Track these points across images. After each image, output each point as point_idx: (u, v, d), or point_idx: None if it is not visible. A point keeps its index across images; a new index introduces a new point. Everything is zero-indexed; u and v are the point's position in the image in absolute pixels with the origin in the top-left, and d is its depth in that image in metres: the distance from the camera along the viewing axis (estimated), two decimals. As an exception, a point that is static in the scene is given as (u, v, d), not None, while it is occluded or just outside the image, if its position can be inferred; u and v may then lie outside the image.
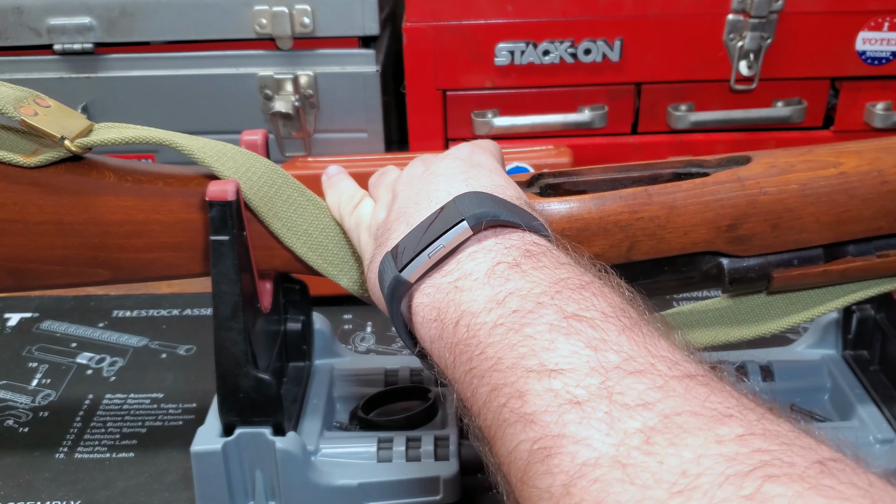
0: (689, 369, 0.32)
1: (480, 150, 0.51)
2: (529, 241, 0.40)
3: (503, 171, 0.50)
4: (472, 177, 0.45)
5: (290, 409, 0.63)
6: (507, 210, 0.41)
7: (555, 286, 0.36)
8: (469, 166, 0.47)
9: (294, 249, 0.56)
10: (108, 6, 0.93)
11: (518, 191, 0.46)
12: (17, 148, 0.55)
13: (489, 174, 0.46)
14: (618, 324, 0.34)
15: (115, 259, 0.57)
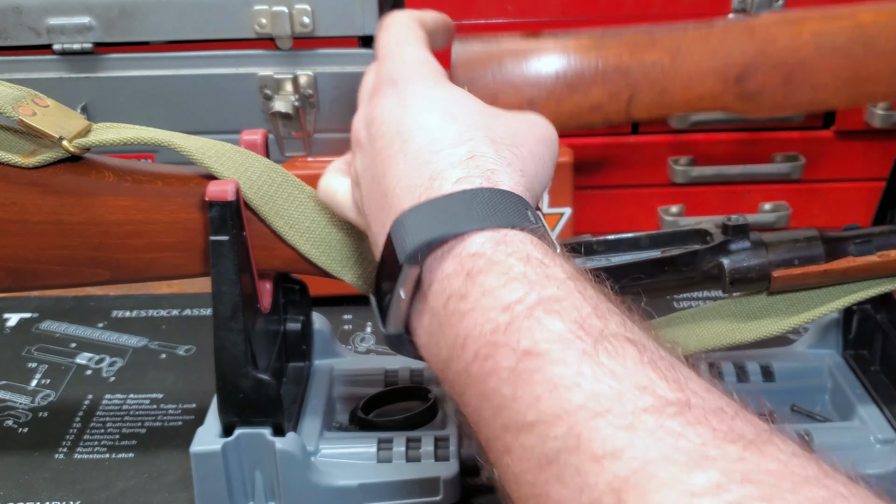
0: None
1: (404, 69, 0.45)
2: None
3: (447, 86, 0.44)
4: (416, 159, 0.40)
5: (290, 410, 0.62)
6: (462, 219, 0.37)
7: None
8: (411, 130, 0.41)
9: (297, 247, 0.56)
10: (107, 6, 0.93)
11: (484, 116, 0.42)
12: (15, 148, 0.55)
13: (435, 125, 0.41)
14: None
15: (114, 259, 0.57)
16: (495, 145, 0.41)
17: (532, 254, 0.35)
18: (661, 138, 0.95)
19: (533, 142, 0.43)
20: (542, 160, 0.43)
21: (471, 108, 0.43)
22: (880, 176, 0.72)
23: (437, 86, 0.44)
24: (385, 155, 0.42)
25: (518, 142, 0.42)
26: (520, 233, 0.36)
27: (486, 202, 0.37)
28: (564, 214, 0.86)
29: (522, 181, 0.40)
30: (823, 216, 0.96)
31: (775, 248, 0.58)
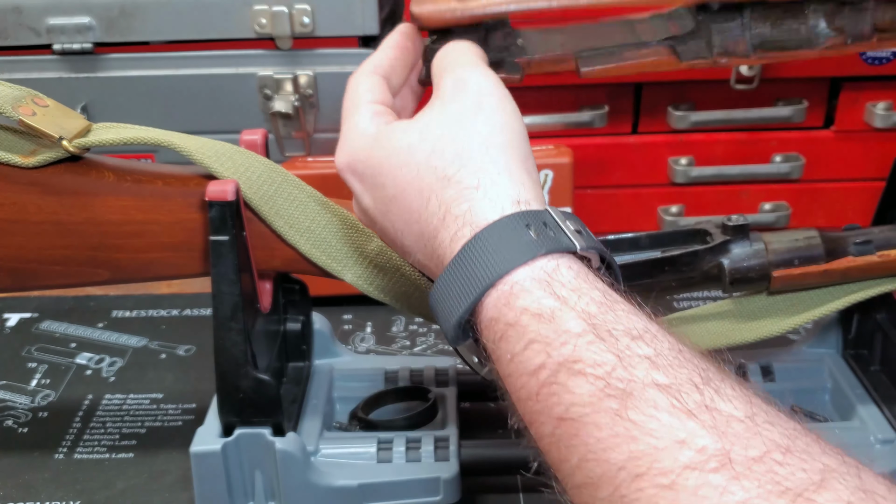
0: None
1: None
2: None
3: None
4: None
5: (290, 410, 0.62)
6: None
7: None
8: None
9: (297, 247, 0.56)
10: (107, 6, 0.93)
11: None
12: (15, 148, 0.55)
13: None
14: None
15: (114, 259, 0.57)
16: (465, 165, 0.41)
17: (543, 303, 0.35)
18: (661, 138, 0.95)
19: (500, 130, 0.43)
20: (514, 136, 0.43)
21: (427, 141, 0.43)
22: (880, 176, 0.72)
23: (380, 142, 0.44)
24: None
25: (489, 143, 0.42)
26: (527, 274, 0.37)
27: (486, 252, 0.38)
28: (564, 214, 0.86)
29: (509, 181, 0.40)
30: (823, 216, 0.96)
31: (775, 248, 0.58)
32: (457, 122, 0.42)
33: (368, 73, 0.49)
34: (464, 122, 0.42)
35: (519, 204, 0.39)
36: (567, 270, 0.37)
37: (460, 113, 0.42)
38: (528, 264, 0.37)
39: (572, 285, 0.36)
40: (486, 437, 0.68)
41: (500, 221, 0.38)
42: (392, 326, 0.85)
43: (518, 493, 0.63)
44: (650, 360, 0.32)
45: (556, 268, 0.37)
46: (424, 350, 0.82)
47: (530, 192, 0.41)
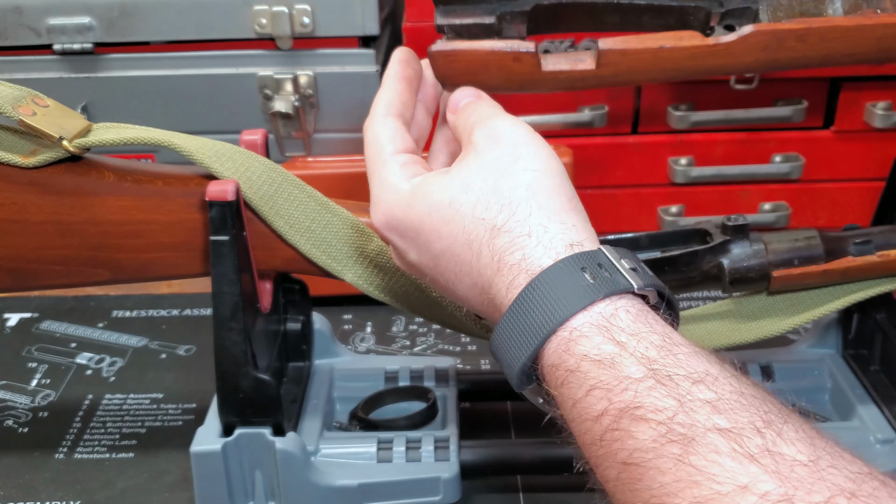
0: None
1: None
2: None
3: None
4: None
5: (290, 410, 0.62)
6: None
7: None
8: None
9: (297, 247, 0.56)
10: (107, 6, 0.93)
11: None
12: (15, 148, 0.55)
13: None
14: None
15: (114, 259, 0.57)
16: (514, 214, 0.41)
17: (603, 349, 0.36)
18: (661, 138, 0.95)
19: (541, 175, 0.43)
20: (556, 179, 0.43)
21: (470, 193, 0.43)
22: (880, 176, 0.72)
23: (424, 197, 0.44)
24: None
25: (533, 189, 0.42)
26: (585, 319, 0.37)
27: (543, 299, 0.38)
28: (564, 214, 0.86)
29: (559, 225, 0.41)
30: (823, 216, 0.96)
31: (775, 248, 0.59)
32: (497, 173, 0.42)
33: (384, 118, 0.49)
34: (504, 171, 0.42)
35: (572, 247, 0.40)
36: (625, 314, 0.37)
37: (499, 163, 0.43)
38: (586, 309, 0.37)
39: (631, 329, 0.36)
40: (487, 437, 0.68)
41: (555, 267, 0.39)
42: (392, 326, 0.85)
43: (518, 493, 0.63)
44: (711, 405, 0.33)
45: (615, 311, 0.37)
46: (424, 350, 0.82)
47: (582, 233, 0.41)
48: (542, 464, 0.62)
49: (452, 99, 0.49)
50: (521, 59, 0.49)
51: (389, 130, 0.48)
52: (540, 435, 0.69)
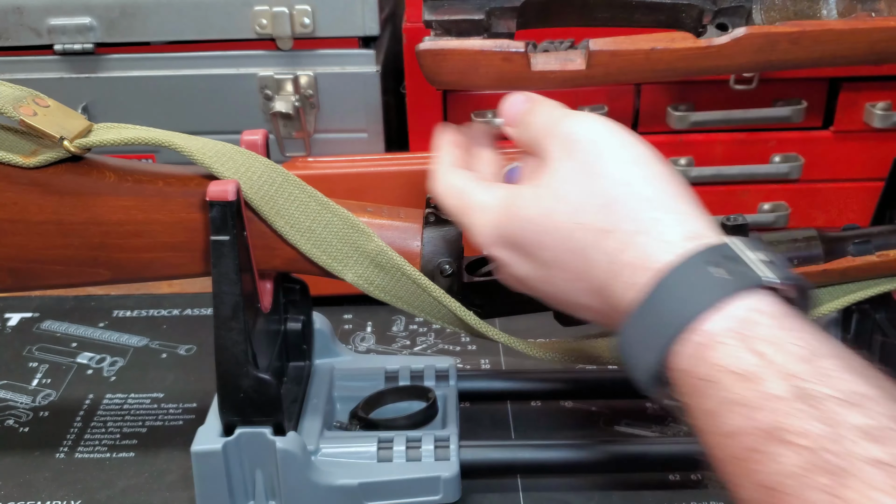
0: None
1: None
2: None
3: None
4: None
5: (291, 409, 0.63)
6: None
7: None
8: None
9: (298, 247, 0.56)
10: (108, 6, 0.93)
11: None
12: (16, 148, 0.56)
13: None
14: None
15: (115, 259, 0.57)
16: (617, 212, 0.39)
17: (742, 360, 0.33)
18: (660, 138, 0.95)
19: (634, 166, 0.41)
20: (652, 166, 0.41)
21: (565, 201, 0.41)
22: (879, 176, 0.72)
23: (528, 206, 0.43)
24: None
25: (629, 182, 0.40)
26: (718, 323, 0.35)
27: (668, 298, 0.36)
28: (564, 214, 0.86)
29: (672, 217, 0.38)
30: (822, 216, 0.97)
31: (774, 248, 0.59)
32: (587, 175, 0.40)
33: (447, 169, 0.49)
34: (592, 172, 0.40)
35: (692, 239, 0.37)
36: (763, 317, 0.34)
37: (584, 165, 0.41)
38: (717, 309, 0.35)
39: (771, 336, 0.34)
40: (486, 437, 0.69)
41: (679, 263, 0.36)
42: (392, 326, 0.86)
43: (518, 492, 0.63)
44: (864, 432, 0.30)
45: (751, 313, 0.35)
46: (424, 350, 0.82)
47: (699, 223, 0.38)
48: (542, 464, 0.62)
49: (506, 113, 0.47)
50: (510, 59, 0.49)
51: (458, 175, 0.48)
52: (540, 435, 0.69)
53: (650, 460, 0.62)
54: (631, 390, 0.74)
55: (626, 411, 0.72)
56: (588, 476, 0.64)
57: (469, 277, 0.59)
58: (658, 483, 0.64)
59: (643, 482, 0.64)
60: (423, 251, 0.58)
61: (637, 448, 0.63)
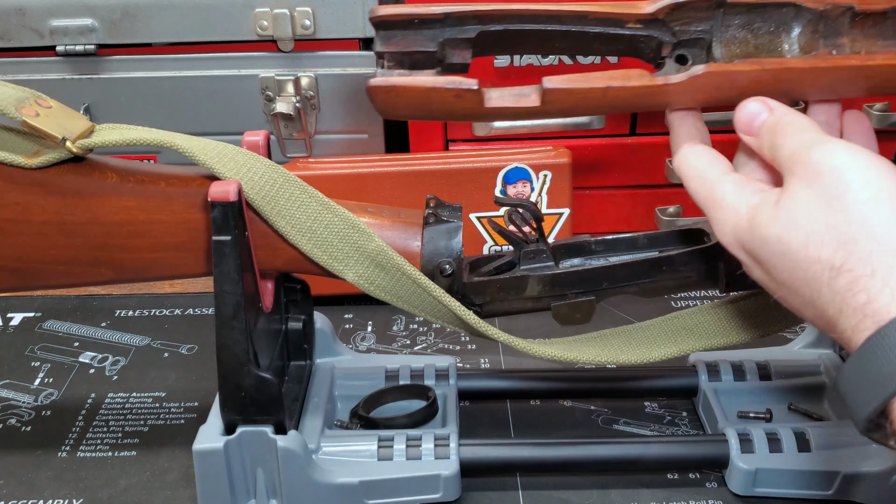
0: None
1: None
2: None
3: None
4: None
5: (292, 408, 0.63)
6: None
7: None
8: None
9: (299, 247, 0.56)
10: (110, 8, 0.93)
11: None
12: (18, 149, 0.56)
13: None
14: None
15: (117, 259, 0.57)
16: (852, 252, 0.39)
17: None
18: (659, 139, 0.95)
19: (877, 204, 0.39)
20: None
21: (799, 231, 0.41)
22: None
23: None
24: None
25: (870, 223, 0.39)
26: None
27: (891, 350, 0.36)
28: (563, 215, 0.87)
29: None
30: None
31: None
32: (825, 208, 0.40)
33: (692, 146, 0.48)
34: (832, 206, 0.40)
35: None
36: None
37: (825, 197, 0.40)
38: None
39: None
40: (486, 435, 0.69)
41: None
42: (393, 325, 0.86)
43: (517, 491, 0.64)
44: None
45: None
46: (425, 349, 0.82)
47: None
48: (541, 462, 0.63)
49: (742, 119, 0.47)
50: (463, 96, 0.47)
51: (705, 156, 0.48)
52: (539, 434, 0.70)
53: (648, 459, 0.62)
54: (629, 390, 0.74)
55: (624, 410, 0.72)
56: (587, 475, 0.64)
57: (469, 277, 0.59)
58: (656, 482, 0.64)
59: (641, 481, 0.64)
60: (423, 251, 0.58)
61: (635, 447, 0.63)
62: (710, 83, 0.47)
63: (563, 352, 0.59)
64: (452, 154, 0.89)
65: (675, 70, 0.48)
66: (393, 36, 0.47)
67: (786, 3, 0.48)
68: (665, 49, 0.49)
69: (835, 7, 0.47)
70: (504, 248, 0.87)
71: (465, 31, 0.48)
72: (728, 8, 0.48)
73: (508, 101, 0.48)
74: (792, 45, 0.48)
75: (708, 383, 0.70)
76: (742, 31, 0.48)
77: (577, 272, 0.58)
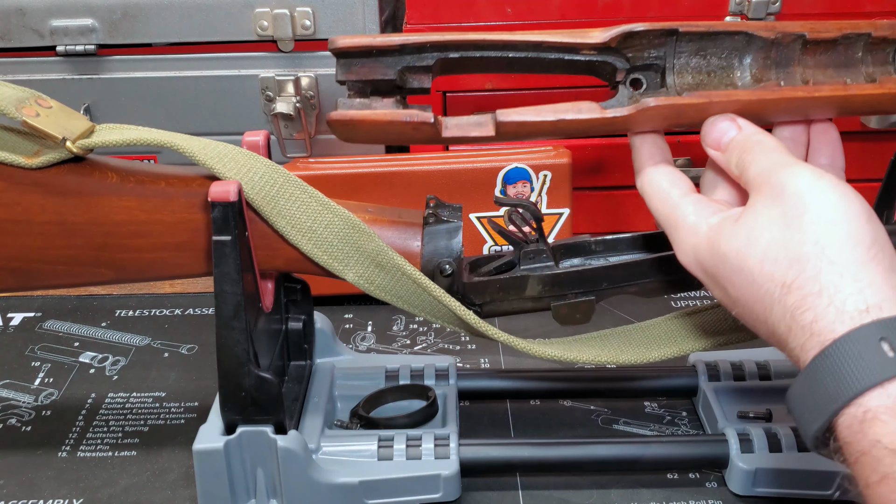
0: None
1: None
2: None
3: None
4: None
5: (292, 408, 0.63)
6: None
7: None
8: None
9: (299, 247, 0.56)
10: (110, 8, 0.93)
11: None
12: (19, 149, 0.56)
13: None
14: None
15: (117, 259, 0.57)
16: (803, 270, 0.39)
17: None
18: (660, 139, 0.95)
19: (832, 227, 0.40)
20: (852, 229, 0.40)
21: (756, 247, 0.42)
22: (876, 177, 0.73)
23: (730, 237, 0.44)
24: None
25: (823, 244, 0.39)
26: (880, 399, 0.36)
27: (835, 371, 0.37)
28: (563, 215, 0.87)
29: (853, 284, 0.38)
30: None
31: None
32: (784, 227, 0.41)
33: (654, 167, 0.49)
34: (790, 225, 0.41)
35: (868, 311, 0.37)
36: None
37: (784, 217, 0.41)
38: (882, 386, 0.36)
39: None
40: (486, 435, 0.69)
41: (849, 336, 0.37)
42: (393, 325, 0.86)
43: (517, 490, 0.64)
44: None
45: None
46: (424, 349, 0.82)
47: (881, 293, 0.38)
48: (541, 462, 0.63)
49: (711, 135, 0.48)
50: (420, 129, 0.49)
51: (667, 177, 0.49)
52: (539, 434, 0.70)
53: (648, 459, 0.63)
54: (629, 390, 0.74)
55: (624, 410, 0.72)
56: (587, 475, 0.64)
57: (469, 277, 0.59)
58: (656, 482, 0.64)
59: (641, 481, 0.64)
60: (423, 251, 0.58)
61: (635, 447, 0.63)
62: (658, 114, 0.49)
63: (563, 352, 0.59)
64: (452, 154, 0.89)
65: (629, 95, 0.49)
66: (353, 65, 0.49)
67: (738, 32, 0.49)
68: (619, 74, 0.50)
69: (786, 35, 0.49)
70: (504, 248, 0.87)
71: (423, 58, 0.49)
72: (681, 36, 0.49)
73: (465, 131, 0.50)
74: (744, 72, 0.50)
75: (708, 383, 0.70)
76: (695, 57, 0.50)
77: (577, 272, 0.58)
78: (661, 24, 0.49)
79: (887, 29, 0.49)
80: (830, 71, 0.50)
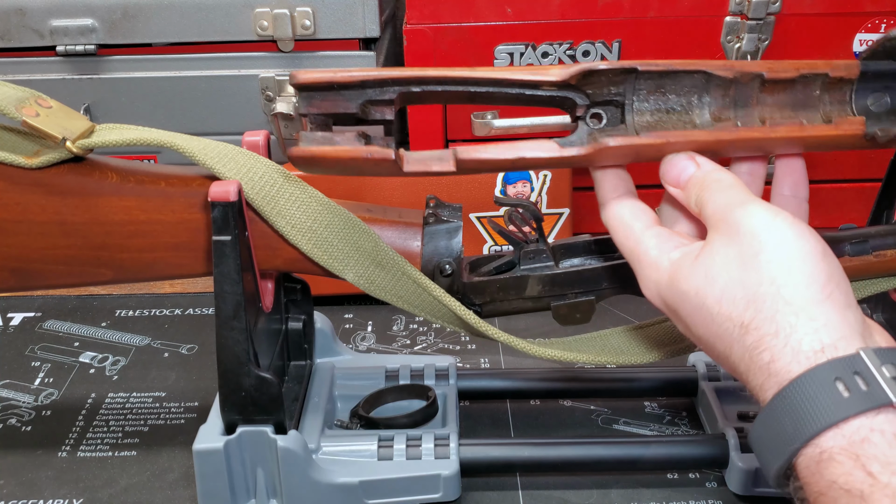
0: None
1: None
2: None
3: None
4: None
5: (292, 408, 0.63)
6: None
7: None
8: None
9: (299, 247, 0.56)
10: (110, 8, 0.93)
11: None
12: (19, 149, 0.56)
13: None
14: None
15: (117, 259, 0.57)
16: (759, 310, 0.40)
17: (853, 479, 0.35)
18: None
19: (788, 267, 0.40)
20: (807, 268, 0.40)
21: (714, 286, 0.42)
22: (876, 177, 0.73)
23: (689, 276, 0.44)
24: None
25: (778, 283, 0.40)
26: (835, 440, 0.36)
27: (792, 412, 0.37)
28: (563, 215, 0.87)
29: (809, 324, 0.38)
30: (820, 216, 0.97)
31: None
32: (740, 266, 0.41)
33: (617, 200, 0.49)
34: (746, 264, 0.41)
35: (824, 351, 0.38)
36: (880, 437, 0.35)
37: (740, 256, 0.41)
38: (837, 427, 0.36)
39: (885, 457, 0.35)
40: (486, 435, 0.69)
41: (805, 377, 0.37)
42: (393, 325, 0.86)
43: (517, 490, 0.64)
44: None
45: (869, 432, 0.36)
46: (424, 349, 0.82)
47: (837, 332, 0.38)
48: (541, 462, 0.63)
49: (670, 172, 0.48)
50: (381, 164, 0.49)
51: (629, 209, 0.49)
52: (539, 434, 0.70)
53: (648, 459, 0.63)
54: (629, 390, 0.74)
55: (624, 410, 0.72)
56: (587, 475, 0.64)
57: (469, 277, 0.59)
58: (656, 482, 0.64)
59: (641, 481, 0.64)
60: (423, 251, 0.58)
61: (635, 447, 0.63)
62: (617, 153, 0.49)
63: (563, 352, 0.59)
64: (452, 154, 0.89)
65: (588, 132, 0.50)
66: (315, 98, 0.49)
67: (697, 71, 0.49)
68: (580, 109, 0.50)
69: (745, 74, 0.49)
70: (504, 248, 0.87)
71: (385, 91, 0.50)
72: (640, 74, 0.49)
73: (426, 166, 0.51)
74: (703, 110, 0.50)
75: (708, 383, 0.70)
76: (654, 95, 0.50)
77: (577, 272, 0.58)
78: (621, 63, 0.49)
79: (843, 69, 0.49)
80: (788, 111, 0.50)
